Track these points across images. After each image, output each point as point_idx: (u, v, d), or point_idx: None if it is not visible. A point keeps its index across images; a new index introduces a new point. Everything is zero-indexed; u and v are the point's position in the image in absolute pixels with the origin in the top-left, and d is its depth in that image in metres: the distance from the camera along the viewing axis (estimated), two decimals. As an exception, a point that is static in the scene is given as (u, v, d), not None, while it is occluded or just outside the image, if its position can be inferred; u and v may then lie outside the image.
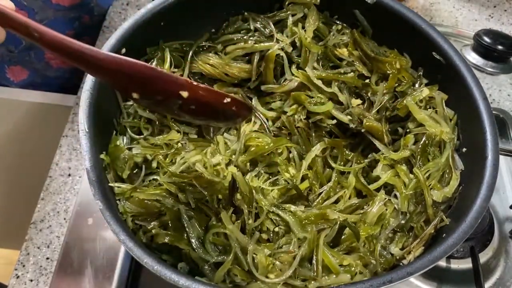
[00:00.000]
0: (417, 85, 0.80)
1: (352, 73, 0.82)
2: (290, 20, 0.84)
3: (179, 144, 0.78)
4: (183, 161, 0.75)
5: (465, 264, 0.87)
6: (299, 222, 0.70)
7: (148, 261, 0.59)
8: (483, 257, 0.88)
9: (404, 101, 0.77)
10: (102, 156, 0.71)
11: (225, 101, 0.60)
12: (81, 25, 1.23)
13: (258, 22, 0.84)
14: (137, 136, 0.78)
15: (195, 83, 0.58)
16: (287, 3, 0.85)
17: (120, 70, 0.55)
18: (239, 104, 0.62)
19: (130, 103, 0.79)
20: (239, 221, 0.69)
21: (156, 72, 0.57)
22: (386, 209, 0.73)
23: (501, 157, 0.94)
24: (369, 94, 0.81)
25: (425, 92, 0.78)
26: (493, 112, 0.73)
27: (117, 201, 0.70)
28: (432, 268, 0.61)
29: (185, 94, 0.57)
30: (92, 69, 0.56)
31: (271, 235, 0.71)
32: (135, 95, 0.57)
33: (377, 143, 0.78)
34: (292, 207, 0.73)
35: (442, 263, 0.87)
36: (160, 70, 0.58)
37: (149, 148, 0.76)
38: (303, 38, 0.81)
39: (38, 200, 0.95)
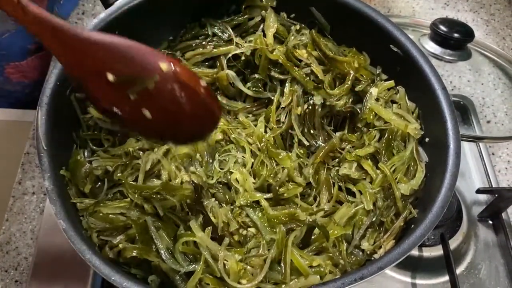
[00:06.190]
0: (376, 81, 0.80)
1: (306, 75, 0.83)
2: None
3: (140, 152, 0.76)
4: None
5: (437, 251, 0.88)
6: (267, 221, 0.70)
7: (116, 279, 0.58)
8: (454, 242, 0.89)
9: (368, 105, 0.78)
10: (62, 172, 0.69)
11: (202, 84, 0.55)
12: None
13: (216, 27, 0.83)
14: (99, 148, 0.76)
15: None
16: (243, 6, 0.84)
17: (102, 45, 0.53)
18: (213, 96, 0.57)
19: (90, 115, 0.77)
20: (209, 228, 0.68)
21: (136, 44, 0.54)
22: (357, 207, 0.73)
23: (465, 143, 0.96)
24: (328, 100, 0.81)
25: (380, 86, 0.79)
26: (455, 98, 0.73)
27: (81, 217, 0.69)
28: (405, 257, 0.62)
29: (164, 66, 0.53)
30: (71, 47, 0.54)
31: (241, 238, 0.70)
32: (110, 77, 0.54)
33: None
34: (263, 202, 0.72)
35: (415, 252, 0.88)
36: (139, 43, 0.54)
37: (109, 159, 0.74)
38: (265, 50, 0.81)
39: (2, 222, 0.92)
